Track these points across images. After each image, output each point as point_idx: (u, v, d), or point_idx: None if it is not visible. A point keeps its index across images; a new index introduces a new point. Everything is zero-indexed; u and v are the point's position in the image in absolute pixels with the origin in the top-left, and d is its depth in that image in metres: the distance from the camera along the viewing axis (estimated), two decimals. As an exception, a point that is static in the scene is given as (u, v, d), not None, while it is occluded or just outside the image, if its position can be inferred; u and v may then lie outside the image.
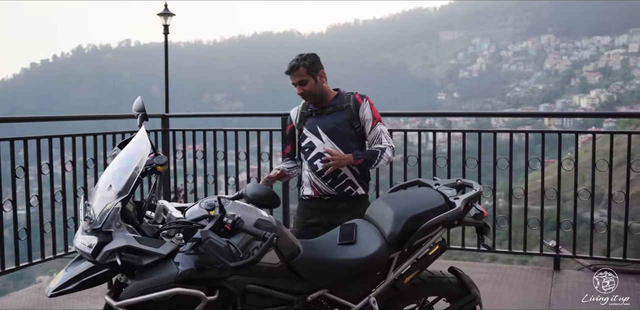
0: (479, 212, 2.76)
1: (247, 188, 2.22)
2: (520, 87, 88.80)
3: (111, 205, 2.14)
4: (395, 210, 2.63)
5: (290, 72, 3.29)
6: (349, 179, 3.32)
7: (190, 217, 2.28)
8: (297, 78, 3.28)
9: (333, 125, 3.31)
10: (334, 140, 3.30)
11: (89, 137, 4.84)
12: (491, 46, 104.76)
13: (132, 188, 2.17)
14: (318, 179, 3.33)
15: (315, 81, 3.29)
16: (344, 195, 3.33)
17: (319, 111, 3.35)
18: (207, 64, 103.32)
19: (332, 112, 3.33)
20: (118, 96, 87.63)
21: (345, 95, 3.37)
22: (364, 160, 3.27)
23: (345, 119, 3.30)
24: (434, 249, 2.72)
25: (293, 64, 3.28)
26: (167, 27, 5.95)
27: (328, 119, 3.32)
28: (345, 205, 3.33)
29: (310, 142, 3.35)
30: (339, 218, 3.16)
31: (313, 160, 3.34)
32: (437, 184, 2.88)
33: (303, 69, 3.27)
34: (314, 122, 3.34)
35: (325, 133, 3.31)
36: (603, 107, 71.94)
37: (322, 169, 3.26)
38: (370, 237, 2.63)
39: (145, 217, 2.37)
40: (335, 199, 3.34)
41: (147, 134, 2.35)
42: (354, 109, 3.31)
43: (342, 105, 3.32)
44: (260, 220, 2.34)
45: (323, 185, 3.33)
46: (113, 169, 2.30)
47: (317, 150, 3.31)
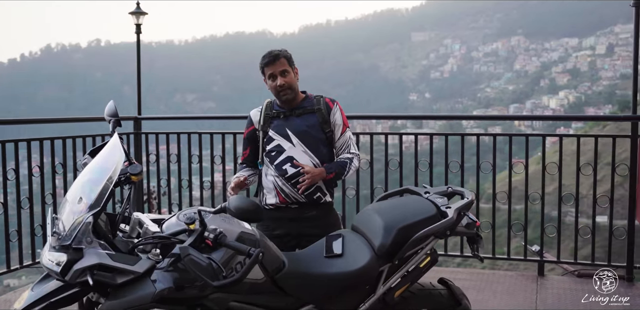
0: (471, 221, 2.65)
1: (230, 201, 2.06)
2: (490, 88, 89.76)
3: (82, 219, 1.97)
4: (385, 220, 2.50)
5: (272, 62, 3.06)
6: (318, 186, 3.12)
7: (167, 231, 2.12)
8: (279, 67, 3.06)
9: (304, 127, 3.11)
10: (305, 143, 3.10)
11: (57, 140, 4.62)
12: (462, 47, 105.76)
13: (104, 201, 2.00)
14: (287, 184, 3.08)
15: (294, 75, 3.12)
16: (313, 202, 3.12)
17: (287, 113, 3.14)
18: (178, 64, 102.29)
19: (302, 115, 3.14)
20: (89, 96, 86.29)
21: (314, 98, 3.19)
22: (336, 174, 3.12)
23: (316, 122, 3.12)
24: (425, 260, 2.60)
25: (275, 54, 3.07)
26: (140, 26, 5.72)
27: (298, 122, 3.12)
28: (315, 214, 3.12)
29: (279, 145, 3.11)
30: (309, 227, 3.03)
31: (282, 164, 3.10)
32: (427, 192, 2.76)
33: (284, 59, 3.08)
34: (283, 124, 3.13)
35: (296, 136, 3.10)
36: (571, 108, 73.11)
37: (292, 173, 3.05)
38: (359, 249, 2.49)
39: (119, 231, 2.20)
40: (303, 207, 3.11)
41: (120, 141, 2.17)
42: (326, 113, 3.14)
43: (313, 107, 3.14)
44: (244, 233, 2.19)
45: (292, 192, 3.08)
46: (83, 179, 2.12)
47: (287, 154, 3.08)
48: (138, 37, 5.62)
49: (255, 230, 2.27)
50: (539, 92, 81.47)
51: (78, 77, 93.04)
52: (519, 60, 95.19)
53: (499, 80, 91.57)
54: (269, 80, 3.10)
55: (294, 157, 3.06)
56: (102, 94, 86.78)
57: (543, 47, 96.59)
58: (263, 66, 3.10)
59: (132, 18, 5.53)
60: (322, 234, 3.00)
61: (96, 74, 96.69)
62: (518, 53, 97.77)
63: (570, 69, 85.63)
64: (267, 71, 3.10)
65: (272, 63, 3.06)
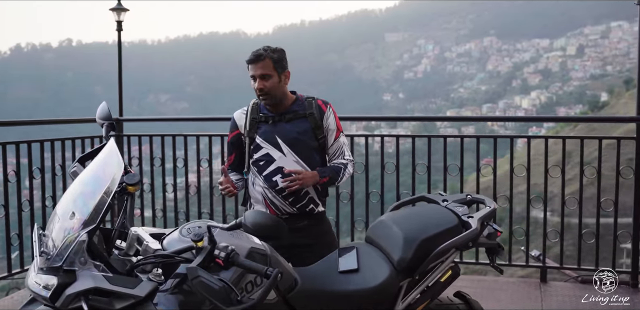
0: (492, 231, 2.46)
1: (247, 216, 1.82)
2: (464, 88, 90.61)
3: (74, 237, 1.72)
4: (405, 232, 2.30)
5: (254, 61, 2.75)
6: (310, 197, 2.88)
7: (170, 248, 1.88)
8: (260, 70, 2.74)
9: (295, 135, 2.81)
10: (296, 152, 2.82)
11: (35, 144, 4.34)
12: (435, 47, 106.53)
13: (100, 216, 1.75)
14: (277, 197, 2.82)
15: (279, 80, 2.78)
16: (305, 214, 2.89)
17: (276, 118, 2.83)
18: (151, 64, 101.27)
19: (292, 120, 2.83)
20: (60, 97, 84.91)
21: (306, 101, 2.89)
22: (330, 178, 2.87)
23: (308, 128, 2.83)
24: (446, 274, 2.40)
25: (259, 53, 2.75)
26: (121, 23, 5.41)
27: (288, 128, 2.82)
28: (306, 223, 2.88)
29: (267, 154, 2.82)
30: (300, 237, 2.79)
31: (272, 175, 2.82)
32: (445, 199, 2.56)
33: (269, 62, 2.75)
34: (271, 131, 2.82)
35: (286, 144, 2.80)
36: (543, 107, 74.08)
37: (283, 186, 2.79)
38: (376, 263, 2.29)
39: (115, 248, 1.96)
40: (294, 217, 2.84)
41: (117, 148, 1.92)
42: (318, 117, 2.84)
43: (305, 112, 2.84)
44: (254, 249, 1.97)
45: (283, 204, 2.83)
46: (75, 192, 1.86)
47: (277, 164, 2.80)
48: (119, 34, 5.31)
49: (265, 245, 2.05)
50: (511, 92, 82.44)
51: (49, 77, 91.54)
52: (491, 60, 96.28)
53: (472, 81, 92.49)
54: (251, 80, 2.81)
55: (285, 168, 2.80)
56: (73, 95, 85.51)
57: (515, 47, 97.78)
58: (247, 62, 2.80)
59: (113, 15, 5.23)
60: (315, 244, 2.84)
61: (67, 74, 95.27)
62: (490, 54, 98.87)
63: (542, 69, 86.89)
64: (249, 70, 2.80)
65: (254, 63, 2.77)
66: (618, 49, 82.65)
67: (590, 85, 76.42)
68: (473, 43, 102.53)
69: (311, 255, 2.54)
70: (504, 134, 7.24)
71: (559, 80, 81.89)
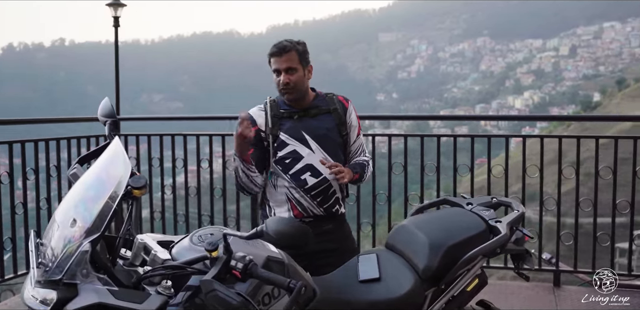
0: (520, 236, 2.31)
1: (269, 223, 1.64)
2: (457, 88, 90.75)
3: (76, 246, 1.55)
4: (430, 238, 2.14)
5: (278, 54, 2.58)
6: (337, 196, 2.71)
7: (180, 258, 1.71)
8: (285, 63, 2.58)
9: (324, 131, 2.65)
10: (325, 149, 2.64)
11: (28, 144, 4.15)
12: (429, 48, 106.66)
13: (105, 224, 1.58)
14: (306, 196, 2.61)
15: (304, 74, 2.63)
16: (331, 215, 2.71)
17: (300, 113, 2.66)
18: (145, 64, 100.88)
19: (317, 115, 2.67)
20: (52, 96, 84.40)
21: (327, 96, 2.74)
22: (359, 175, 2.72)
23: (334, 124, 2.68)
24: (472, 283, 2.24)
25: (284, 45, 2.59)
26: (118, 19, 5.17)
27: (315, 124, 2.65)
28: (331, 227, 2.70)
29: (294, 151, 2.62)
30: (325, 243, 2.59)
31: (300, 173, 2.61)
32: (469, 203, 2.40)
33: (295, 54, 2.60)
34: (297, 127, 2.64)
35: (314, 140, 2.62)
36: (536, 108, 74.24)
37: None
38: (399, 271, 2.13)
39: (119, 258, 1.79)
40: (319, 220, 2.65)
41: (123, 148, 1.74)
42: (342, 113, 2.70)
43: (329, 107, 2.69)
44: (271, 258, 1.80)
45: (311, 205, 2.62)
46: (76, 196, 1.69)
47: (306, 162, 2.60)
48: (116, 30, 5.09)
49: (282, 253, 1.88)
50: (505, 93, 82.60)
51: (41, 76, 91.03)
52: (484, 60, 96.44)
53: (465, 81, 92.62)
54: (273, 74, 2.65)
55: (314, 165, 2.62)
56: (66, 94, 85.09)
57: (508, 48, 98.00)
58: (269, 56, 2.63)
59: (110, 10, 5.03)
60: (337, 248, 2.66)
61: (60, 74, 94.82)
62: (484, 54, 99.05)
63: (535, 69, 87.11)
64: (272, 63, 2.63)
65: (279, 55, 2.59)
66: (610, 50, 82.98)
67: (582, 86, 76.66)
68: (466, 43, 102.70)
69: (334, 261, 2.37)
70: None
71: (552, 81, 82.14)
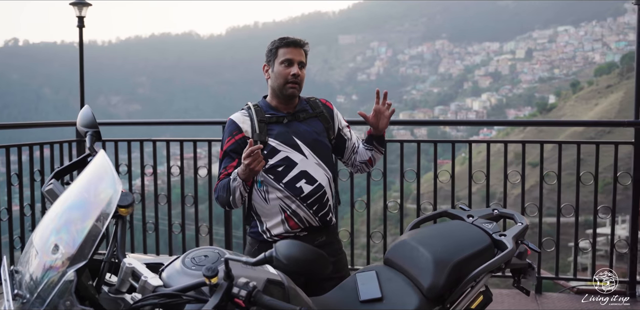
0: (523, 250, 2.20)
1: (279, 248, 1.46)
2: (416, 90, 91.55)
3: (59, 276, 1.37)
4: (434, 254, 2.01)
5: (295, 45, 2.46)
6: (330, 204, 2.55)
7: (172, 283, 1.55)
8: (300, 56, 2.47)
9: (315, 135, 2.50)
10: (318, 154, 2.48)
11: None
12: (388, 50, 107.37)
13: (93, 250, 1.40)
14: (302, 205, 2.43)
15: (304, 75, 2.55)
16: (325, 224, 2.53)
17: (289, 117, 2.50)
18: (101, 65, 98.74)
19: (306, 119, 2.53)
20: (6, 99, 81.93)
21: (309, 100, 2.61)
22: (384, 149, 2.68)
23: (323, 128, 2.55)
24: (477, 300, 2.12)
25: (300, 40, 2.49)
26: (82, 19, 4.92)
27: (304, 128, 2.50)
28: (324, 240, 2.53)
29: (287, 157, 2.43)
30: None
31: (295, 181, 2.43)
32: (470, 215, 2.29)
33: (304, 53, 2.51)
34: (287, 132, 2.46)
35: (307, 145, 2.46)
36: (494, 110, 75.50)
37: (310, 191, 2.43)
38: (401, 290, 1.99)
39: (104, 284, 1.61)
40: (312, 232, 2.48)
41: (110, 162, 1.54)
42: (329, 117, 2.59)
43: (315, 111, 2.56)
44: (271, 281, 1.65)
45: (307, 214, 2.43)
46: (57, 218, 1.50)
47: (300, 168, 2.42)
48: (81, 31, 4.82)
49: (281, 275, 1.73)
50: (463, 95, 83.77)
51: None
52: (443, 63, 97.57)
53: (425, 83, 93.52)
54: (281, 65, 2.46)
55: (309, 172, 2.45)
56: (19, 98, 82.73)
57: (466, 50, 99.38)
58: (278, 46, 2.47)
59: (74, 10, 4.75)
60: (335, 263, 2.47)
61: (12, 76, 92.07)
62: (442, 56, 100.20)
63: (492, 72, 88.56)
64: (282, 53, 2.46)
65: (295, 47, 2.46)
66: (565, 53, 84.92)
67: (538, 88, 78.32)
68: (425, 46, 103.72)
69: (331, 277, 2.23)
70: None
71: (509, 83, 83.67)
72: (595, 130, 33.93)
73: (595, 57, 79.66)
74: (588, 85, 58.75)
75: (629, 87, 50.36)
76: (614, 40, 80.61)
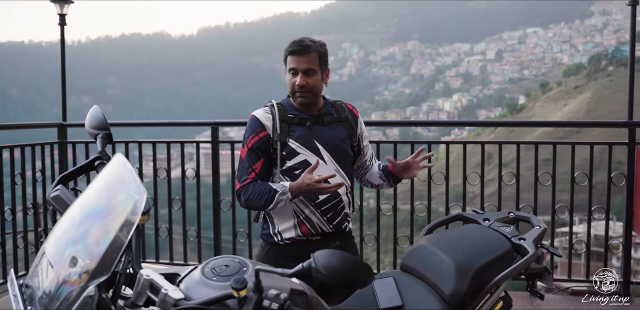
0: (540, 253, 2.15)
1: (318, 258, 1.37)
2: (388, 91, 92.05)
3: (78, 291, 1.26)
4: (455, 260, 1.95)
5: (299, 53, 2.33)
6: (345, 212, 2.48)
7: (193, 295, 1.44)
8: (305, 64, 2.33)
9: (337, 141, 2.42)
10: (337, 160, 2.41)
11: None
12: (360, 51, 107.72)
13: (115, 263, 1.30)
14: (316, 212, 2.37)
15: (321, 77, 2.39)
16: (340, 232, 2.47)
17: (313, 120, 2.42)
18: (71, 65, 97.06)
19: (330, 123, 2.44)
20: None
21: (335, 104, 2.51)
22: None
23: (346, 134, 2.46)
24: (496, 306, 2.07)
25: (307, 44, 2.34)
26: (64, 17, 4.76)
27: (328, 132, 2.42)
28: (338, 244, 2.46)
29: (305, 161, 2.36)
30: None
31: None
32: (486, 219, 2.23)
33: (315, 56, 2.35)
34: (308, 134, 2.39)
35: (327, 150, 2.39)
36: (465, 110, 76.32)
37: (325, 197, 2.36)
38: (422, 297, 1.93)
39: (120, 298, 1.50)
40: (326, 238, 2.42)
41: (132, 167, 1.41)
42: (353, 123, 2.50)
43: (340, 116, 2.47)
44: (294, 291, 1.56)
45: (320, 221, 2.38)
46: (74, 228, 1.38)
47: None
48: (62, 29, 4.67)
49: (304, 286, 1.64)
50: (434, 95, 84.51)
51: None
52: (414, 64, 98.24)
53: (396, 84, 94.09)
54: (288, 73, 2.39)
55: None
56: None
57: (437, 51, 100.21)
58: (287, 54, 2.38)
59: (55, 7, 4.59)
60: None
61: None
62: (414, 57, 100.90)
63: (463, 73, 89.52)
64: (289, 61, 2.37)
65: (298, 54, 2.34)
66: (534, 54, 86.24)
67: (508, 89, 79.34)
68: (397, 47, 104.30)
69: None
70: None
71: (480, 84, 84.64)
72: (564, 130, 34.42)
73: (563, 59, 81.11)
74: (557, 86, 59.81)
75: (596, 88, 51.40)
76: (582, 42, 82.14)
